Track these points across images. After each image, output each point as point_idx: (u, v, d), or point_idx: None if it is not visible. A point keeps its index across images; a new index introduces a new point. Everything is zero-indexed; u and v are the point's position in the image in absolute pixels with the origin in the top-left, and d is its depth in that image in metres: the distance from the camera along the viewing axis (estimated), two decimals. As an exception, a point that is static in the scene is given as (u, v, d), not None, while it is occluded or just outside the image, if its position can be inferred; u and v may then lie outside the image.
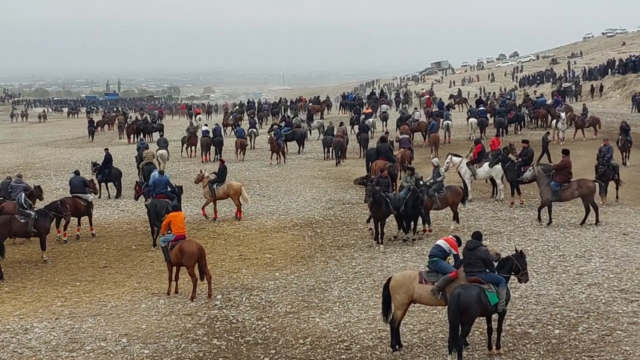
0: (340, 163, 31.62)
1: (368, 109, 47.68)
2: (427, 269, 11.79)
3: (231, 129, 45.81)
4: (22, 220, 17.91)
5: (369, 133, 35.21)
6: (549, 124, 38.48)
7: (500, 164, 22.28)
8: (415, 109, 47.18)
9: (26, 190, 19.80)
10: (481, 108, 39.38)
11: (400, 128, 35.50)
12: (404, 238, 18.28)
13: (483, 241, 11.61)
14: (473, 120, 37.27)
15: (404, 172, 20.55)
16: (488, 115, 39.15)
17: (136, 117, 58.16)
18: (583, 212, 19.30)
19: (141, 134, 45.21)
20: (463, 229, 18.50)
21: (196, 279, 14.55)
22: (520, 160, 21.93)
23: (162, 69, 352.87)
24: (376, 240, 18.11)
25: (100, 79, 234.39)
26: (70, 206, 19.74)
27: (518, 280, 11.77)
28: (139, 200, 21.48)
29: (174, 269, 14.95)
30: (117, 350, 12.14)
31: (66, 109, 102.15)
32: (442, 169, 20.08)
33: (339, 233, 19.58)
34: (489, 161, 22.66)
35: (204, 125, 39.22)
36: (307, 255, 17.59)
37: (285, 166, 32.21)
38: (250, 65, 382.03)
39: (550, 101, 44.23)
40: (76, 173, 21.43)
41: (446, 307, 11.11)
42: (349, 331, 12.58)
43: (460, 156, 23.44)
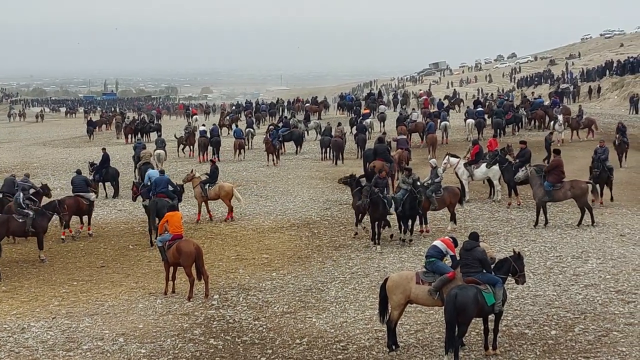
0: (338, 164, 31.62)
1: (366, 109, 47.72)
2: (424, 269, 11.80)
3: (227, 129, 45.80)
4: (20, 220, 17.94)
5: (367, 134, 35.22)
6: (547, 125, 38.55)
7: (497, 164, 22.30)
8: (413, 109, 47.19)
9: (33, 189, 19.96)
10: (479, 109, 39.38)
11: (397, 129, 35.55)
12: (401, 238, 18.30)
13: (480, 242, 11.62)
14: (470, 121, 37.28)
15: (402, 173, 20.57)
16: (486, 116, 39.21)
17: (134, 117, 58.14)
18: (579, 214, 19.34)
19: (139, 134, 45.23)
20: (460, 230, 18.54)
21: (193, 278, 14.55)
22: (517, 161, 21.93)
23: (160, 69, 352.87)
24: (373, 241, 18.13)
25: (98, 78, 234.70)
26: (71, 206, 19.80)
27: (515, 282, 11.79)
28: (137, 201, 21.47)
29: (171, 268, 14.95)
30: (114, 349, 12.15)
31: (64, 108, 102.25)
32: (440, 170, 20.11)
33: (336, 233, 19.59)
34: (486, 162, 22.69)
35: (201, 125, 39.24)
36: (304, 255, 17.60)
37: (282, 166, 32.18)
38: (249, 65, 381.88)
39: (547, 102, 44.27)
40: (78, 172, 21.54)
41: (443, 308, 11.13)
42: (345, 331, 12.59)
43: (458, 157, 23.46)
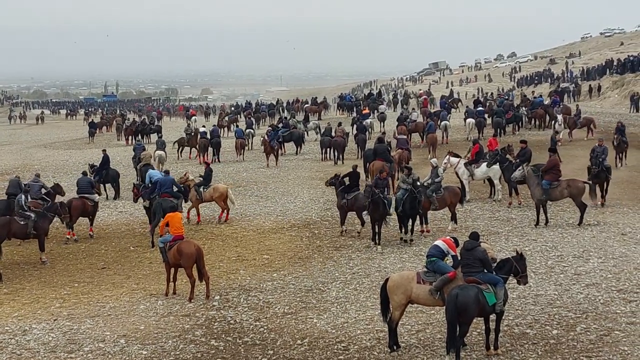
0: (338, 163, 31.61)
1: (365, 109, 47.73)
2: (425, 269, 11.79)
3: (226, 130, 45.78)
4: (22, 222, 17.93)
5: (367, 134, 35.22)
6: (547, 124, 38.52)
7: (498, 164, 22.29)
8: (413, 109, 47.21)
9: (44, 189, 20.07)
10: (479, 108, 39.39)
11: (397, 128, 35.52)
12: (402, 238, 18.28)
13: (481, 242, 11.61)
14: (471, 120, 37.28)
15: (402, 173, 20.56)
16: (486, 115, 39.19)
17: (134, 119, 58.16)
18: (579, 213, 19.30)
19: (139, 136, 45.22)
20: (461, 230, 18.53)
21: (194, 279, 14.55)
22: (518, 160, 21.91)
23: (160, 71, 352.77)
24: (374, 241, 18.11)
25: (99, 80, 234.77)
26: (78, 207, 19.92)
27: (517, 283, 11.78)
28: (138, 202, 21.48)
29: (172, 270, 14.95)
30: (116, 351, 12.15)
31: (64, 110, 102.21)
32: (441, 170, 20.09)
33: (337, 234, 19.57)
34: (487, 161, 22.67)
35: (201, 127, 39.19)
36: (305, 256, 17.59)
37: (282, 167, 32.18)
38: (249, 66, 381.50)
39: (548, 101, 44.27)
40: (83, 174, 21.70)
41: (444, 308, 11.12)
42: (346, 332, 12.58)
43: (459, 156, 23.44)
